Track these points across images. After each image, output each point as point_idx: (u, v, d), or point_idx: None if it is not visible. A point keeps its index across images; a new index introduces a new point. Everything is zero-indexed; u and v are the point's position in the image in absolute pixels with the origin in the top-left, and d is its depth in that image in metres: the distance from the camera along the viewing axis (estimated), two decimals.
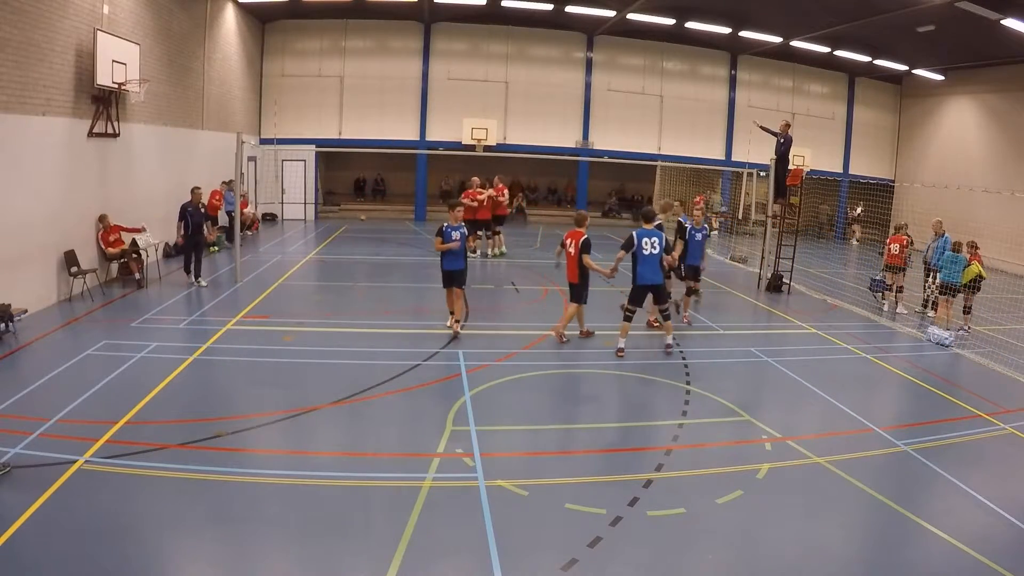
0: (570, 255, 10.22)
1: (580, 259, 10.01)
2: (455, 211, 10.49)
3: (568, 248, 10.24)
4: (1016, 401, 8.84)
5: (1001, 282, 17.86)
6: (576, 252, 10.04)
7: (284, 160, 23.98)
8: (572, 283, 10.43)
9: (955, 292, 12.50)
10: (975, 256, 12.77)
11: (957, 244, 12.83)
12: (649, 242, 9.65)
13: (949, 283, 12.50)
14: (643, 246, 9.61)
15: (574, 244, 10.14)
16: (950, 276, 12.47)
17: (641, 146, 26.43)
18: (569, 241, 10.28)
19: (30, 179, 10.71)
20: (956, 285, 12.44)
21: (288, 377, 8.51)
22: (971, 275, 12.36)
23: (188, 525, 5.21)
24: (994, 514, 5.86)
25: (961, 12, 16.86)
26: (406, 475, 6.09)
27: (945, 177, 24.48)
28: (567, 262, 10.35)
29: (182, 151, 16.96)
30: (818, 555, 5.20)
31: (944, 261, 12.69)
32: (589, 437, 7.33)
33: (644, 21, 23.00)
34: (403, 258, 17.64)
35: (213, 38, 18.95)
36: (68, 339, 9.65)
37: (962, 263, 12.42)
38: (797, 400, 8.78)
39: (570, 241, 10.27)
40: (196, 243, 13.23)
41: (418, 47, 25.22)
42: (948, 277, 12.51)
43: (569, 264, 10.27)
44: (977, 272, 12.38)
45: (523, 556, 4.95)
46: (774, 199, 15.58)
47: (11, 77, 10.13)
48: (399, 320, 11.43)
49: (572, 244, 10.20)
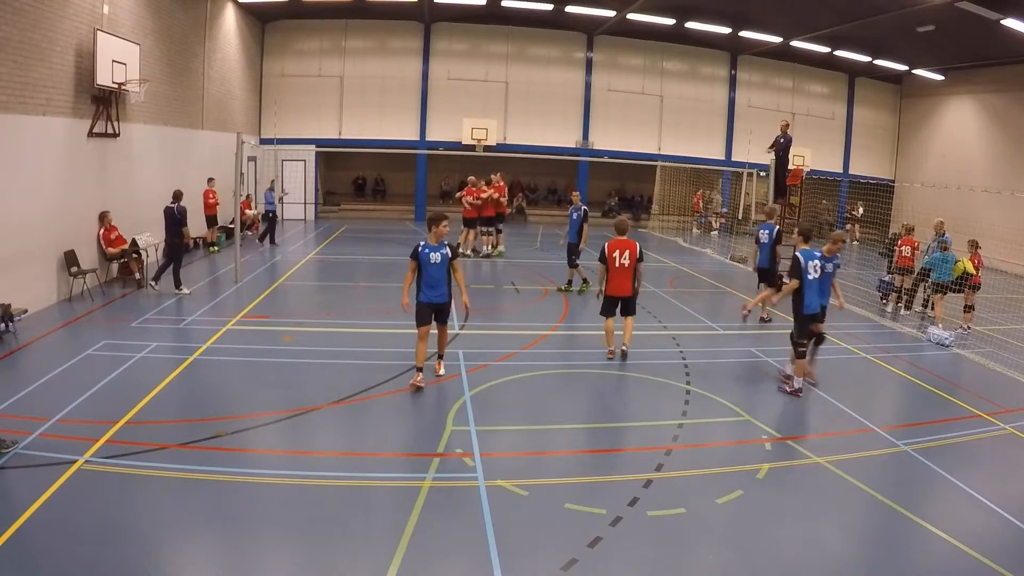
0: (623, 268, 9.28)
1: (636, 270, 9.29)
2: (439, 226, 8.04)
3: (621, 260, 9.27)
4: (1016, 401, 8.84)
5: (1001, 282, 17.86)
6: (632, 263, 9.27)
7: (284, 160, 23.98)
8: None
9: (947, 290, 12.71)
10: (974, 255, 12.86)
11: (943, 243, 13.14)
12: (813, 265, 8.47)
13: (941, 282, 12.74)
14: (808, 270, 8.39)
15: (630, 255, 9.28)
16: (940, 275, 12.74)
17: (641, 146, 26.45)
18: (619, 252, 9.30)
19: (30, 179, 10.71)
20: (948, 283, 12.65)
21: (288, 377, 8.50)
22: (958, 271, 12.59)
23: (188, 525, 5.20)
24: (994, 514, 5.86)
25: (961, 12, 16.87)
26: (406, 475, 6.09)
27: (945, 177, 24.49)
28: (617, 275, 9.32)
29: (182, 151, 16.97)
30: (818, 555, 5.19)
31: (934, 260, 12.94)
32: (589, 437, 7.33)
33: (644, 21, 23.01)
34: (403, 258, 17.56)
35: (213, 38, 18.95)
36: (68, 339, 9.65)
37: (951, 261, 12.66)
38: (797, 400, 8.78)
39: (621, 252, 9.31)
40: (178, 248, 12.45)
41: (418, 47, 25.23)
42: (939, 276, 12.77)
43: (622, 277, 9.32)
44: (963, 269, 12.59)
45: (523, 556, 4.95)
46: (774, 199, 15.58)
47: (11, 77, 10.13)
48: (399, 320, 11.36)
49: (627, 255, 9.29)
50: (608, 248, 9.36)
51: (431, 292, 8.01)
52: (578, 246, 13.75)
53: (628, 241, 9.37)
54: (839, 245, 8.85)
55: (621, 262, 9.31)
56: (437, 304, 8.11)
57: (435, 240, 8.00)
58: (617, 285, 9.39)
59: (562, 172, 29.51)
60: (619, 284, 9.37)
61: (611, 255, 9.32)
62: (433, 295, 8.02)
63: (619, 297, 9.45)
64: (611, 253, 9.32)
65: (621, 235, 9.44)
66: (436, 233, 8.00)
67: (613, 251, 9.31)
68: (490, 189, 17.35)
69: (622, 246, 9.33)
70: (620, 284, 9.37)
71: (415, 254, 8.03)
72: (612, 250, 9.32)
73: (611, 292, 9.48)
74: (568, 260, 14.03)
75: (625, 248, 9.31)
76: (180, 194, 12.65)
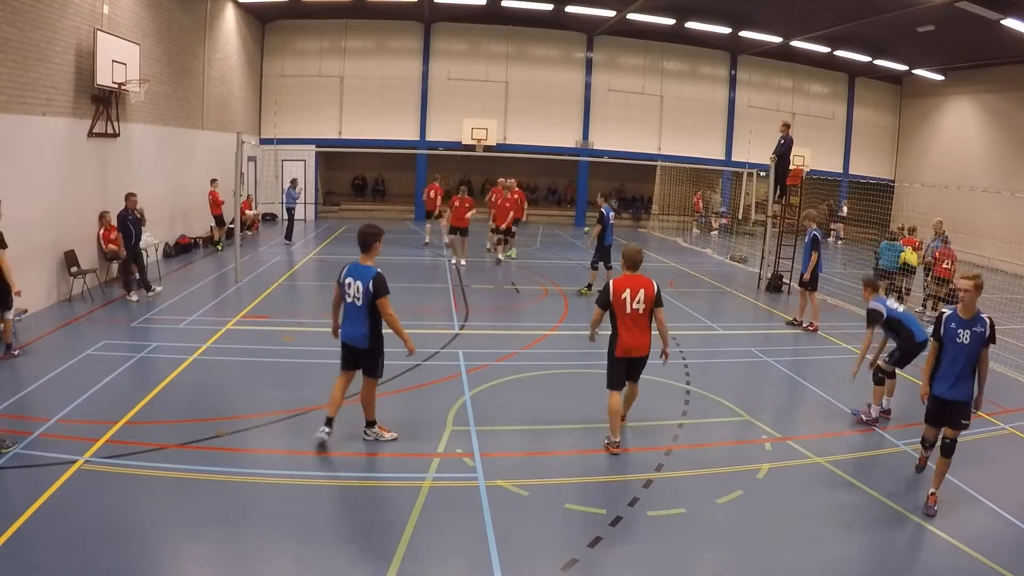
0: (635, 316, 6.53)
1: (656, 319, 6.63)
2: (376, 245, 6.42)
3: (633, 304, 6.51)
4: (1016, 401, 8.84)
5: (1001, 282, 17.85)
6: (648, 308, 6.57)
7: (284, 160, 23.98)
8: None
9: (892, 277, 13.70)
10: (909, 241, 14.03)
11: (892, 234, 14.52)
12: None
13: (886, 269, 13.75)
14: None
15: (644, 297, 6.53)
16: (887, 263, 13.80)
17: (641, 146, 26.46)
18: (631, 294, 6.52)
19: (30, 179, 10.70)
20: (892, 271, 13.70)
21: (288, 377, 8.50)
22: (902, 261, 13.70)
23: (188, 525, 5.20)
24: (994, 514, 5.86)
25: (961, 12, 16.87)
26: (406, 475, 6.09)
27: (945, 177, 24.49)
28: (629, 326, 6.56)
29: (182, 151, 16.97)
30: (818, 555, 5.19)
31: (882, 249, 14.11)
32: (589, 437, 7.33)
33: (644, 21, 23.02)
34: (403, 258, 17.65)
35: (213, 38, 18.95)
36: (68, 339, 9.65)
37: (897, 250, 13.76)
38: (797, 400, 8.79)
39: (633, 293, 6.52)
40: (136, 253, 11.96)
41: (418, 47, 25.24)
42: (885, 264, 13.83)
43: (635, 329, 6.56)
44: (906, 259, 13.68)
45: (523, 556, 4.95)
46: (775, 199, 15.58)
47: (11, 77, 10.13)
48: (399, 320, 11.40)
49: (640, 298, 6.52)
50: (615, 288, 6.54)
51: (350, 327, 6.41)
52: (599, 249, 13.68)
53: (641, 278, 6.60)
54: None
55: (633, 307, 6.51)
56: (357, 349, 6.42)
57: (365, 260, 6.39)
58: (629, 340, 6.55)
59: (562, 172, 29.52)
60: (632, 339, 6.55)
61: (618, 297, 6.50)
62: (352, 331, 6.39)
63: (632, 359, 6.69)
64: (618, 294, 6.50)
65: (632, 270, 6.64)
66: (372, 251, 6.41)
67: (622, 291, 6.50)
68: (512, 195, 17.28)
69: (634, 285, 6.54)
70: (633, 339, 6.55)
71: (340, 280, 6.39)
72: (620, 290, 6.51)
73: (620, 352, 6.59)
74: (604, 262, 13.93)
75: (638, 287, 6.53)
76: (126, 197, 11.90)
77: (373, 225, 6.53)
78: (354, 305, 6.32)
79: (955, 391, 5.75)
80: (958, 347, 5.68)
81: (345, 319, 6.45)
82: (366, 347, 6.41)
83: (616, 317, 6.56)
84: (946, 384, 5.76)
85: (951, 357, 5.71)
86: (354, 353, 6.49)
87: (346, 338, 6.47)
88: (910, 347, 7.58)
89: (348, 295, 6.33)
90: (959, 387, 5.75)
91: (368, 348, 6.41)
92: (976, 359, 5.73)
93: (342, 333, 6.51)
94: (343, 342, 6.52)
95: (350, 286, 6.31)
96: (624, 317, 6.53)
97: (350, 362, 6.57)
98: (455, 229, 16.56)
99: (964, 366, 5.70)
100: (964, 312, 5.71)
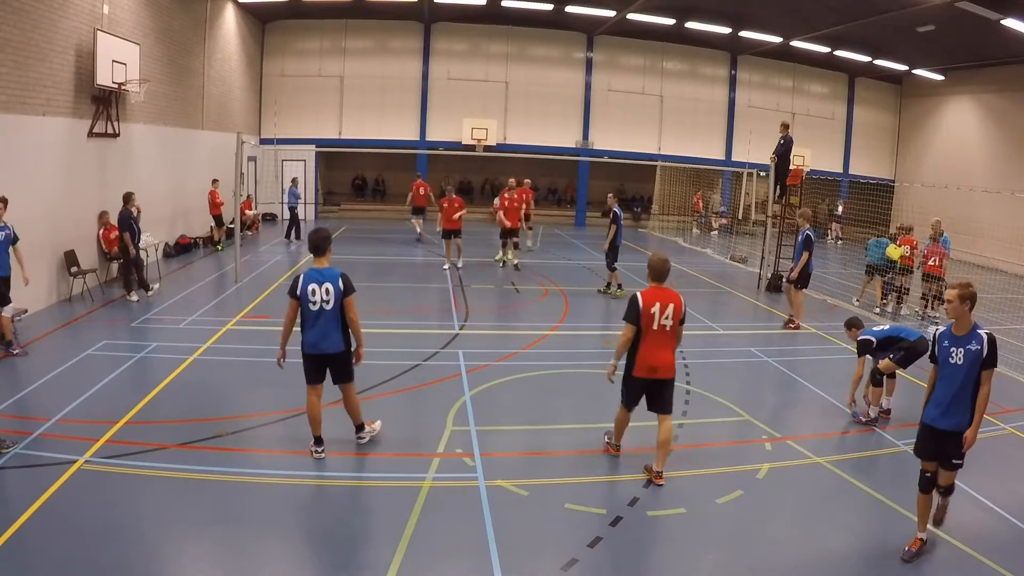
0: (663, 332, 6.02)
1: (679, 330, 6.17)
2: (330, 248, 6.43)
3: (661, 319, 6.00)
4: (1016, 401, 8.84)
5: (1001, 282, 17.86)
6: (675, 325, 6.08)
7: (284, 160, 23.98)
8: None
9: (879, 272, 13.98)
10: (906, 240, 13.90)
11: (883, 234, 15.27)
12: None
13: (873, 264, 14.03)
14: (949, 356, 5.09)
15: (673, 312, 6.03)
16: (874, 258, 14.01)
17: (641, 146, 26.47)
18: (660, 308, 6.00)
19: (30, 179, 10.71)
20: (879, 266, 13.93)
21: (288, 377, 8.47)
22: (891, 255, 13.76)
23: (188, 525, 5.20)
24: (994, 514, 5.86)
25: (961, 12, 16.88)
26: (406, 475, 6.09)
27: (945, 177, 24.50)
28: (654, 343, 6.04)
29: (182, 151, 16.97)
30: (818, 555, 5.19)
31: (870, 245, 14.30)
32: (589, 437, 7.33)
33: (644, 21, 23.02)
34: (403, 258, 17.65)
35: (213, 38, 18.95)
36: (68, 339, 9.65)
37: (884, 246, 13.92)
38: (797, 400, 8.79)
39: (662, 308, 6.00)
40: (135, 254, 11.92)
41: (418, 47, 25.24)
42: (872, 258, 14.06)
43: (660, 347, 6.06)
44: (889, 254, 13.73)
45: (523, 556, 4.95)
46: (776, 199, 15.59)
47: (11, 77, 10.13)
48: (399, 320, 11.42)
49: (669, 313, 6.02)
50: (644, 301, 6.01)
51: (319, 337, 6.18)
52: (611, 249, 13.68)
53: (670, 292, 6.12)
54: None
55: (661, 322, 6.00)
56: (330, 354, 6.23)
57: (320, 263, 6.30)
58: (652, 358, 6.04)
59: (562, 172, 29.51)
60: (655, 356, 6.04)
61: (647, 311, 5.99)
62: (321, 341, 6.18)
63: (652, 380, 6.14)
64: (647, 307, 6.00)
65: (659, 282, 6.14)
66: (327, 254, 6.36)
67: (651, 305, 6.00)
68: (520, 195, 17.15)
69: (663, 298, 6.04)
70: (657, 356, 6.04)
71: (292, 288, 6.20)
72: (649, 303, 6.01)
73: (640, 371, 6.08)
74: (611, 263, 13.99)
75: (668, 302, 6.02)
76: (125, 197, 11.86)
77: (323, 228, 6.48)
78: (322, 311, 6.09)
79: (946, 419, 4.97)
80: (952, 368, 4.96)
81: (311, 329, 6.14)
82: (341, 350, 6.22)
83: (640, 333, 6.03)
84: (938, 410, 5.02)
85: (945, 380, 5.01)
86: (325, 361, 6.24)
87: (316, 348, 6.16)
88: (913, 350, 7.62)
89: (313, 303, 6.08)
90: (951, 415, 4.96)
91: (342, 351, 6.24)
92: (975, 383, 4.95)
93: (309, 345, 6.17)
94: (311, 354, 6.19)
95: (314, 293, 6.08)
96: (650, 333, 6.00)
97: (320, 373, 6.29)
98: (447, 233, 16.06)
99: (959, 391, 4.93)
100: (957, 328, 5.03)
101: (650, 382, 6.13)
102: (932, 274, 13.19)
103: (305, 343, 6.22)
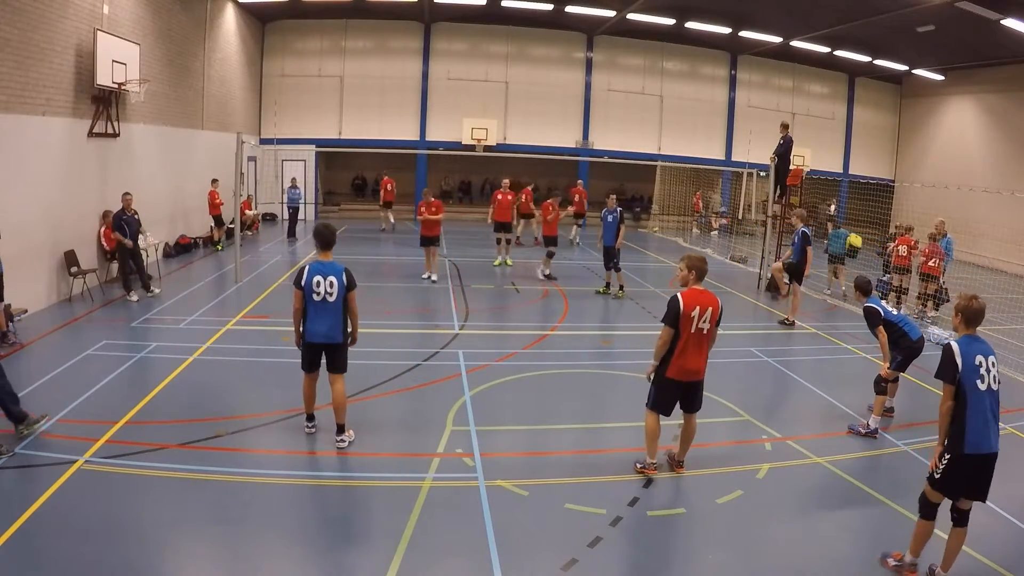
0: (699, 336, 5.95)
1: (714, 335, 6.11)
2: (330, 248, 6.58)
3: (699, 323, 5.91)
4: (1016, 401, 8.83)
5: (1001, 282, 17.86)
6: (712, 329, 6.03)
7: (284, 160, 23.98)
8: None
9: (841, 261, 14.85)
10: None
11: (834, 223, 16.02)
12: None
13: (835, 254, 14.91)
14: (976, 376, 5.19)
15: (711, 316, 5.96)
16: (835, 248, 14.86)
17: (641, 146, 26.46)
18: (699, 312, 5.91)
19: (30, 179, 10.71)
20: (840, 255, 14.75)
21: (288, 377, 8.48)
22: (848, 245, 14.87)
23: (188, 525, 5.20)
24: (994, 514, 5.86)
25: (961, 12, 16.88)
26: (406, 475, 6.09)
27: (945, 177, 24.50)
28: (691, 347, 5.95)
29: (182, 151, 16.98)
30: (818, 555, 5.19)
31: (831, 237, 15.24)
32: (589, 437, 7.33)
33: (644, 21, 23.02)
34: (403, 258, 17.64)
35: (213, 38, 18.95)
36: (68, 339, 9.64)
37: (843, 237, 14.89)
38: (797, 400, 8.79)
39: (701, 312, 5.92)
40: (134, 253, 11.95)
41: (418, 47, 25.24)
42: (833, 249, 14.90)
43: (695, 352, 5.98)
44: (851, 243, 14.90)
45: (523, 556, 4.95)
46: (776, 199, 15.59)
47: (11, 77, 10.13)
48: (399, 320, 11.42)
49: (707, 318, 5.94)
50: (684, 303, 5.91)
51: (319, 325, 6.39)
52: (614, 248, 13.65)
53: (710, 295, 6.03)
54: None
55: (699, 326, 5.92)
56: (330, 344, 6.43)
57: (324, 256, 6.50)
58: (689, 361, 5.97)
59: (562, 172, 29.46)
60: (690, 361, 5.97)
61: (687, 313, 5.89)
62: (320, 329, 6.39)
63: (687, 383, 6.09)
64: (688, 310, 5.89)
65: (699, 281, 6.09)
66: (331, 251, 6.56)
67: (691, 308, 5.89)
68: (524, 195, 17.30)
69: (703, 302, 5.95)
70: (692, 361, 5.98)
71: (297, 279, 6.36)
72: (690, 306, 5.90)
73: (675, 373, 6.01)
74: (605, 263, 13.97)
75: (707, 305, 5.94)
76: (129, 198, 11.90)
77: (330, 223, 6.84)
78: (325, 302, 6.34)
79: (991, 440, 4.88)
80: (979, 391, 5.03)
81: (314, 319, 6.39)
82: (340, 341, 6.49)
83: (678, 335, 5.92)
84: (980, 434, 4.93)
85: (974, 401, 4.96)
86: (323, 350, 6.51)
87: (317, 337, 6.42)
88: (909, 349, 7.57)
89: (317, 294, 6.32)
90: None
91: (341, 342, 6.51)
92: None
93: (310, 334, 6.44)
94: (311, 343, 6.46)
95: (319, 284, 6.31)
96: (688, 335, 5.90)
97: (316, 362, 6.60)
98: (425, 240, 14.61)
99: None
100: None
101: (684, 384, 6.12)
102: (930, 274, 13.21)
103: (306, 331, 6.49)
